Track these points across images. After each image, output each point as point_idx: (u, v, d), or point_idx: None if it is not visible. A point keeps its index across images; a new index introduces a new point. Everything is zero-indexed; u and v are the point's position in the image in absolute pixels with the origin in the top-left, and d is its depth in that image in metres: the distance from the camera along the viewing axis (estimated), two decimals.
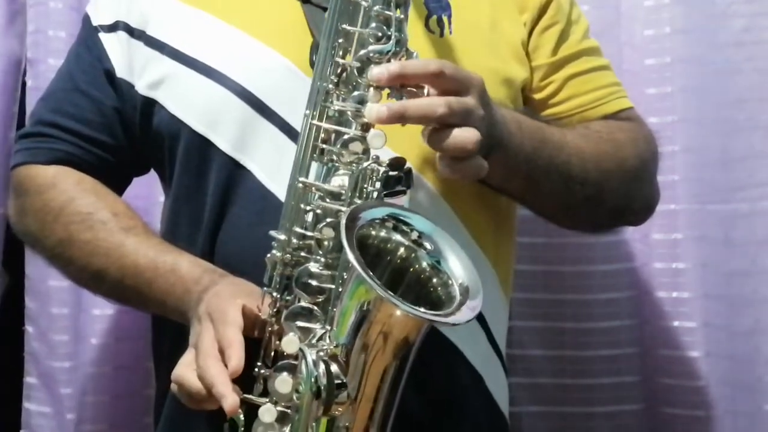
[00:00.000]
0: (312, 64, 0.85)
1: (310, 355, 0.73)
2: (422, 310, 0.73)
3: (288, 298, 0.81)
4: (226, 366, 0.77)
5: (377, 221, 0.78)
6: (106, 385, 1.34)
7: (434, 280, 0.78)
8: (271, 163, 0.90)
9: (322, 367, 0.73)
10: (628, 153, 1.00)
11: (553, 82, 1.03)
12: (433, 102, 0.77)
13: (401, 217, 0.79)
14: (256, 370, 0.81)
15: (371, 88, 0.78)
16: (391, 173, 0.79)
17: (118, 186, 1.02)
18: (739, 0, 1.27)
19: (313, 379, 0.73)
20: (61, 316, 1.35)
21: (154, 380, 1.32)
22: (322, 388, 0.73)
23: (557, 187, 0.93)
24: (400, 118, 0.77)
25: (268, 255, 0.82)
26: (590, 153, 0.95)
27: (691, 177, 1.28)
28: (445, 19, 0.97)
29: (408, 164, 0.82)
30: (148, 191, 1.26)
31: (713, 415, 1.26)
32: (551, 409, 1.32)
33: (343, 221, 0.74)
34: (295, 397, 0.76)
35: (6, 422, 1.39)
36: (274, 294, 0.82)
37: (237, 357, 0.77)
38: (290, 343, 0.78)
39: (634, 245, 1.31)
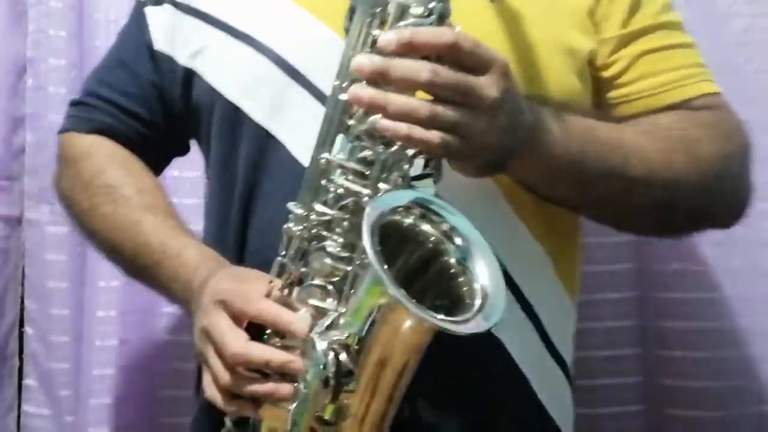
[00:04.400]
0: (346, 30, 0.78)
1: (320, 344, 0.72)
2: (435, 315, 0.69)
3: (303, 270, 0.78)
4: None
5: (403, 208, 0.74)
6: (105, 387, 1.34)
7: (459, 278, 0.74)
8: (303, 134, 0.84)
9: (331, 355, 0.71)
10: (704, 150, 0.87)
11: (622, 59, 0.91)
12: (418, 65, 0.70)
13: (432, 207, 0.75)
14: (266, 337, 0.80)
15: None
16: (420, 156, 0.75)
17: (156, 163, 1.03)
18: (739, 0, 1.26)
19: (321, 367, 0.71)
20: (61, 318, 1.36)
21: (154, 382, 1.34)
22: (331, 376, 0.71)
23: (616, 193, 0.84)
24: (382, 76, 0.70)
25: (285, 226, 0.79)
26: (655, 151, 0.85)
27: None
28: None
29: None
30: None
31: (716, 416, 1.26)
32: None
33: (367, 210, 0.70)
34: (302, 386, 0.74)
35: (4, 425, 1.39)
36: (289, 266, 0.79)
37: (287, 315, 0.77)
38: (302, 319, 0.76)
39: (637, 246, 1.29)
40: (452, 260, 0.75)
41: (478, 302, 0.71)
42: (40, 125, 1.37)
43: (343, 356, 0.71)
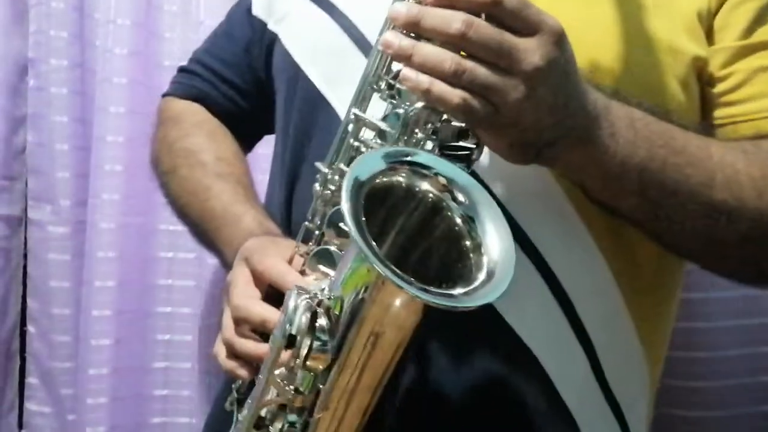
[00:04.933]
0: None
1: (294, 299, 0.66)
2: (425, 288, 0.61)
3: (324, 234, 0.74)
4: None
5: (387, 169, 0.66)
6: (104, 386, 1.34)
7: (464, 240, 0.65)
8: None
9: (306, 315, 0.65)
10: None
11: (737, 72, 0.79)
12: (452, 15, 0.62)
13: (419, 162, 0.66)
14: None
15: None
16: (453, 123, 0.66)
17: (247, 137, 1.04)
18: None
19: (288, 325, 0.65)
20: (62, 317, 1.36)
21: (154, 382, 1.34)
22: (298, 337, 0.65)
23: (692, 215, 0.71)
24: (415, 25, 0.64)
25: (313, 187, 0.76)
26: (749, 175, 0.72)
27: None
28: None
29: None
30: None
31: (716, 416, 1.25)
32: None
33: (348, 175, 0.63)
34: (270, 338, 0.69)
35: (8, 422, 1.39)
36: (316, 231, 0.76)
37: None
38: (304, 281, 0.73)
39: None
40: (456, 218, 0.66)
41: (483, 271, 0.63)
42: (42, 125, 1.37)
43: (321, 320, 0.65)
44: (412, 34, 0.65)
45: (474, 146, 0.67)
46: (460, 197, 0.66)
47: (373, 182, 0.64)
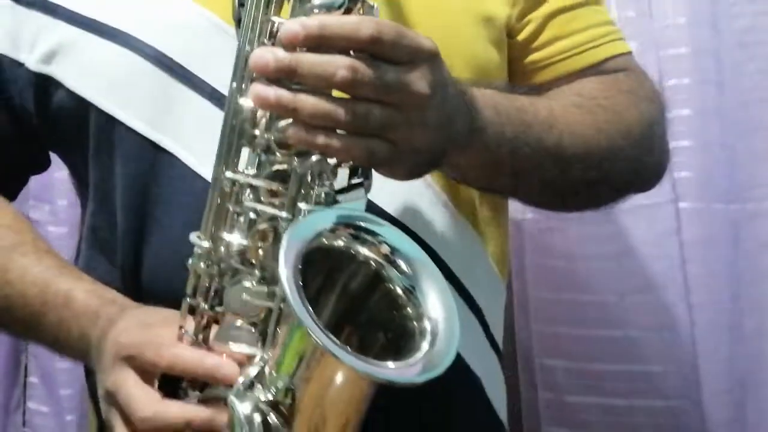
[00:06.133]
0: (237, 20, 0.66)
1: (240, 407, 0.60)
2: (375, 362, 0.59)
3: (218, 309, 0.66)
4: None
5: (329, 230, 0.63)
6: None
7: (406, 306, 0.63)
8: (200, 142, 0.72)
9: (258, 419, 0.60)
10: (632, 119, 0.83)
11: (532, 21, 0.85)
12: (334, 61, 0.58)
13: (364, 225, 0.64)
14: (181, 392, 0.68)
15: None
16: (342, 166, 0.64)
17: (12, 188, 0.87)
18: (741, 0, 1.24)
19: None
20: None
21: None
22: None
23: (552, 175, 0.77)
24: (289, 74, 0.59)
25: (189, 262, 0.67)
26: (587, 127, 0.79)
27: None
28: None
29: None
30: None
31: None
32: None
33: (284, 240, 0.59)
34: None
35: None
36: (202, 305, 0.67)
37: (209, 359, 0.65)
38: (229, 364, 0.65)
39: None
40: (396, 287, 0.64)
41: (427, 337, 0.61)
42: None
43: (272, 417, 0.60)
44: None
45: (363, 179, 0.65)
46: (403, 266, 0.64)
47: (307, 247, 0.60)
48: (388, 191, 0.72)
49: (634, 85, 0.87)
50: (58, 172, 1.32)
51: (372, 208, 0.68)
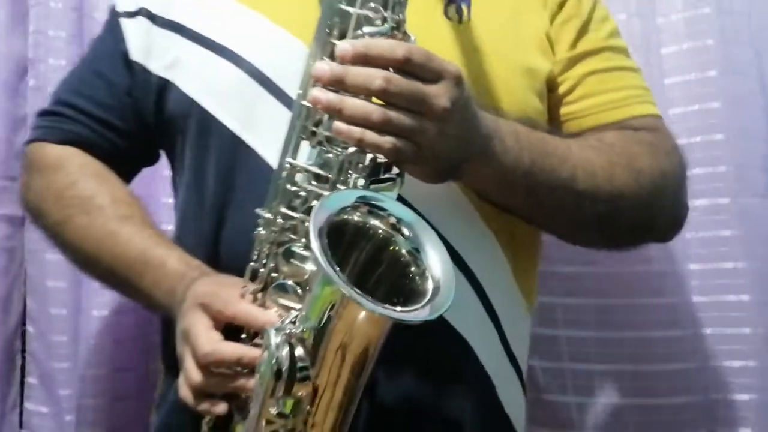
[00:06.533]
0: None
1: (274, 338, 0.74)
2: (386, 306, 0.71)
3: (274, 275, 0.81)
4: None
5: (351, 207, 0.76)
6: (104, 386, 1.34)
7: (411, 267, 0.77)
8: (274, 140, 0.85)
9: (285, 349, 0.73)
10: (644, 165, 0.92)
11: (569, 79, 0.98)
12: (372, 73, 0.74)
13: (375, 202, 0.77)
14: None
15: None
16: (378, 159, 0.77)
17: (126, 173, 1.03)
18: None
19: (273, 361, 0.73)
20: (60, 317, 1.36)
21: (152, 382, 1.33)
22: (283, 370, 0.73)
23: (564, 204, 0.88)
24: (339, 82, 0.74)
25: (255, 231, 0.82)
26: (600, 166, 0.89)
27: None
28: (464, 8, 0.94)
29: None
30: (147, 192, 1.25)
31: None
32: None
33: (314, 210, 0.72)
34: (257, 378, 0.76)
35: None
36: (261, 270, 0.82)
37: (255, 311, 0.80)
38: (273, 317, 0.79)
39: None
40: (403, 251, 0.77)
41: (429, 290, 0.74)
42: None
43: (298, 350, 0.73)
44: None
45: (397, 176, 0.78)
46: (406, 232, 0.77)
47: (333, 218, 0.74)
48: (422, 193, 0.83)
49: (655, 141, 0.96)
50: None
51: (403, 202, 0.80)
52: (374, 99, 0.75)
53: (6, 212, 1.40)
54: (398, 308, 0.72)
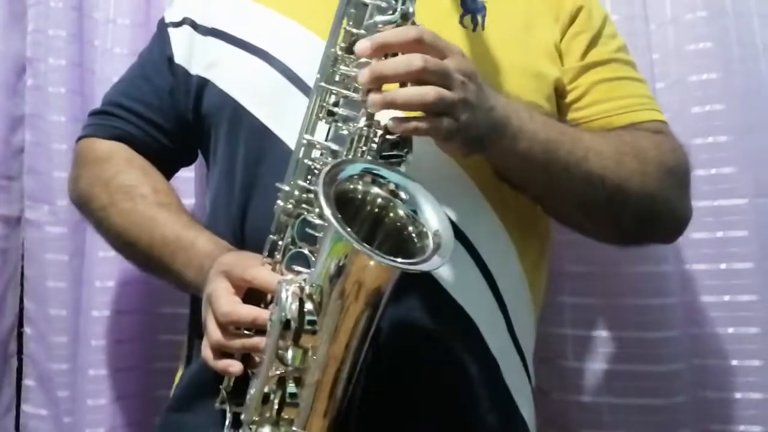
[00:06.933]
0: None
1: (284, 292, 0.80)
2: (392, 258, 0.77)
3: (291, 246, 0.88)
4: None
5: (357, 176, 0.83)
6: (102, 388, 1.34)
7: (410, 228, 0.83)
8: (298, 130, 0.92)
9: (295, 303, 0.79)
10: (651, 158, 0.97)
11: (579, 86, 1.03)
12: (411, 58, 0.80)
13: (376, 171, 0.83)
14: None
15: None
16: (387, 136, 0.83)
17: (166, 170, 1.12)
18: None
19: (283, 313, 0.79)
20: (59, 318, 1.36)
21: (152, 382, 1.35)
22: (292, 320, 0.79)
23: (577, 184, 0.92)
24: (381, 78, 0.80)
25: (275, 204, 0.89)
26: (609, 152, 0.94)
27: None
28: (479, 18, 1.01)
29: None
30: None
31: None
32: None
33: (321, 177, 0.78)
34: (268, 325, 0.83)
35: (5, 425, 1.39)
36: (279, 243, 0.89)
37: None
38: (288, 280, 0.84)
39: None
40: (402, 212, 0.83)
41: (430, 246, 0.80)
42: (40, 125, 1.38)
43: (308, 305, 0.80)
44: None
45: (405, 153, 0.84)
46: (403, 195, 0.83)
47: (340, 186, 0.80)
48: (428, 179, 0.86)
49: (661, 139, 1.02)
50: (57, 172, 1.32)
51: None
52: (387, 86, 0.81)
53: (2, 212, 1.39)
54: (404, 259, 0.78)
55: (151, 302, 1.35)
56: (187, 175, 1.31)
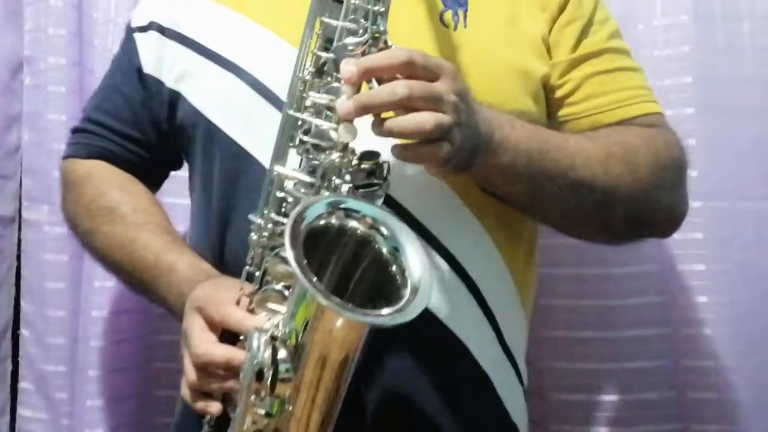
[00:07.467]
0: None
1: (257, 340, 0.76)
2: (364, 312, 0.73)
3: (267, 278, 0.84)
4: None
5: (329, 212, 0.78)
6: (102, 389, 1.33)
7: (388, 262, 0.79)
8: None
9: (268, 351, 0.76)
10: (641, 157, 0.93)
11: (571, 81, 0.98)
12: (394, 85, 0.76)
13: (351, 207, 0.79)
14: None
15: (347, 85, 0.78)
16: (362, 166, 0.80)
17: (153, 180, 1.09)
18: None
19: (255, 362, 0.76)
20: (57, 319, 1.35)
21: (152, 382, 1.34)
22: (264, 370, 0.75)
23: (563, 193, 0.89)
24: (366, 109, 0.76)
25: (249, 236, 0.86)
26: (597, 155, 0.91)
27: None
28: (460, 13, 0.95)
29: (382, 157, 0.80)
30: None
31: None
32: None
33: (290, 221, 0.74)
34: (241, 377, 0.79)
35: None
36: (256, 273, 0.86)
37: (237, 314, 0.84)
38: (260, 321, 0.81)
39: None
40: (383, 249, 0.79)
41: (409, 288, 0.75)
42: (39, 124, 1.37)
43: (281, 352, 0.76)
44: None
45: (383, 180, 0.80)
46: (385, 231, 0.79)
47: (311, 225, 0.76)
48: (411, 192, 0.86)
49: (653, 134, 0.97)
50: (56, 172, 1.30)
51: (391, 203, 0.84)
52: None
53: None
54: (376, 311, 0.74)
55: (151, 302, 1.33)
56: (183, 174, 1.30)
